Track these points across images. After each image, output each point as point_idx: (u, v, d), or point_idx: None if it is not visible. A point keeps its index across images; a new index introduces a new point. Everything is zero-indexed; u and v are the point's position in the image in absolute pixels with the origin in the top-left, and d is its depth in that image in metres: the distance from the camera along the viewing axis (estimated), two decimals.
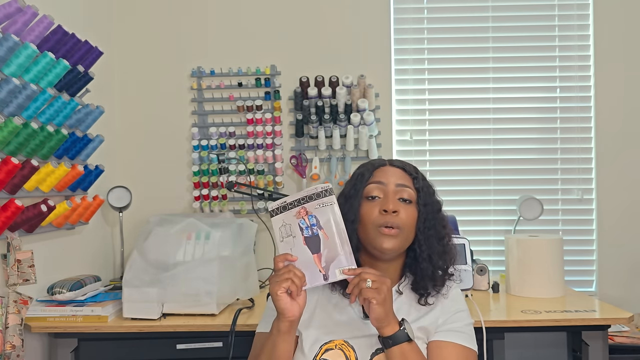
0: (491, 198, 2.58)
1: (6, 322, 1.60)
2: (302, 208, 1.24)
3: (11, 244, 1.65)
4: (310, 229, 1.23)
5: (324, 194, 1.24)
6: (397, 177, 1.32)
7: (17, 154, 1.70)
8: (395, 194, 1.30)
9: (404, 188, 1.30)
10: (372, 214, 1.28)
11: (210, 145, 2.51)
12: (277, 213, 1.26)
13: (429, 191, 1.35)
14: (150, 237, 1.92)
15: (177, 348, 1.81)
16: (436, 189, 1.39)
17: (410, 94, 2.59)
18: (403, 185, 1.31)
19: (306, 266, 1.20)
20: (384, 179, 1.32)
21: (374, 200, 1.30)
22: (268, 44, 2.56)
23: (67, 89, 1.94)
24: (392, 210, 1.27)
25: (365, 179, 1.33)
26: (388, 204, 1.27)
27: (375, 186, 1.31)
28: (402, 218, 1.27)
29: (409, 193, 1.30)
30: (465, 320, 1.32)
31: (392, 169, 1.35)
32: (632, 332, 2.11)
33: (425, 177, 1.38)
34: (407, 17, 2.59)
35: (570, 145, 2.56)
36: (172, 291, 1.80)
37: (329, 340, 1.26)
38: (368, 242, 1.29)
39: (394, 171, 1.34)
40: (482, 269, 2.19)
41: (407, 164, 1.38)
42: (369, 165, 1.37)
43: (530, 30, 2.58)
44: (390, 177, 1.32)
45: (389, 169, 1.35)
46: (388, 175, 1.32)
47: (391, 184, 1.31)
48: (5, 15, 1.60)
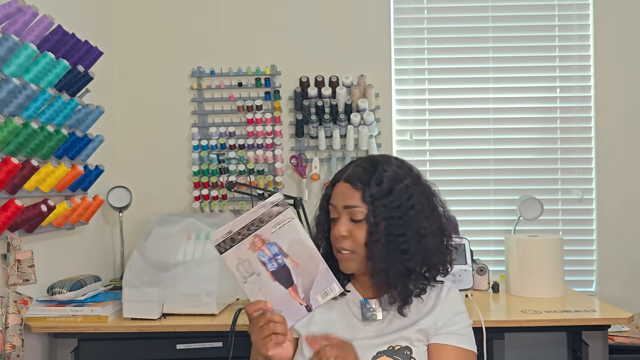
0: (491, 198, 2.58)
1: (6, 322, 1.60)
2: (255, 237, 1.06)
3: (11, 244, 1.65)
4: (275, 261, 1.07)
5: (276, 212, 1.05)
6: (344, 197, 1.25)
7: (17, 154, 1.70)
8: (346, 216, 1.25)
9: (352, 209, 1.24)
10: (332, 235, 1.28)
11: (210, 145, 2.51)
12: (227, 248, 1.06)
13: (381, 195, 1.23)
14: (150, 237, 1.92)
15: (177, 348, 1.81)
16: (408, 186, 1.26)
17: (410, 94, 2.59)
18: (349, 206, 1.24)
19: (283, 304, 1.07)
20: (334, 201, 1.28)
21: (334, 222, 1.28)
22: (268, 44, 2.56)
23: (67, 89, 1.94)
24: (340, 235, 1.24)
25: (327, 196, 1.31)
26: (338, 230, 1.25)
27: (332, 208, 1.29)
28: (350, 243, 1.24)
29: (358, 212, 1.23)
30: (464, 322, 1.31)
31: (342, 186, 1.27)
32: (632, 332, 2.11)
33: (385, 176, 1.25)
34: (407, 17, 2.59)
35: (570, 145, 2.56)
36: (172, 291, 1.81)
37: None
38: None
39: (342, 189, 1.27)
40: (482, 269, 2.19)
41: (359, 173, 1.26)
42: (333, 180, 1.32)
43: (530, 30, 2.58)
44: (339, 199, 1.27)
45: (339, 188, 1.28)
46: (337, 196, 1.27)
47: (340, 207, 1.26)
48: (5, 15, 1.60)
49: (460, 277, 1.81)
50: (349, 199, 1.25)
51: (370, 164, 1.29)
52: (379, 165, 1.28)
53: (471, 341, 1.30)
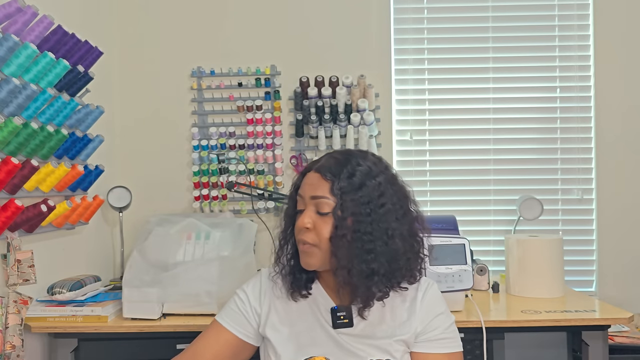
0: (491, 198, 2.58)
1: (6, 322, 1.60)
2: None
3: (11, 244, 1.65)
4: None
5: None
6: (313, 187, 1.21)
7: (17, 154, 1.70)
8: (312, 207, 1.21)
9: (319, 199, 1.19)
10: (296, 228, 1.24)
11: (210, 145, 2.51)
12: None
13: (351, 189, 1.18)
14: (150, 237, 1.92)
15: (177, 348, 1.81)
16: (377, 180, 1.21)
17: (410, 94, 2.59)
18: (316, 197, 1.20)
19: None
20: (302, 192, 1.24)
21: (300, 213, 1.23)
22: (268, 44, 2.56)
23: (67, 89, 1.94)
24: (303, 227, 1.20)
25: (296, 186, 1.28)
26: (302, 221, 1.20)
27: (299, 199, 1.24)
28: (313, 236, 1.19)
29: (325, 204, 1.19)
30: (445, 324, 1.26)
31: (312, 176, 1.23)
32: (632, 332, 2.11)
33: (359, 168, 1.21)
34: (407, 17, 2.59)
35: (570, 145, 2.56)
36: (172, 291, 1.81)
37: (309, 357, 1.22)
38: None
39: (311, 179, 1.23)
40: (482, 269, 2.19)
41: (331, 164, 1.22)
42: (302, 171, 1.29)
43: (530, 30, 2.58)
44: (307, 189, 1.22)
45: (309, 177, 1.24)
46: (306, 187, 1.23)
47: (307, 197, 1.22)
48: (5, 15, 1.60)
49: (460, 277, 1.81)
50: (317, 190, 1.20)
51: (344, 156, 1.24)
52: (352, 159, 1.23)
53: (455, 342, 1.26)
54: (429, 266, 1.81)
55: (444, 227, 2.06)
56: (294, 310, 1.28)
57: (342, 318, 1.23)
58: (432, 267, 1.81)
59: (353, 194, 1.18)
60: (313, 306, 1.28)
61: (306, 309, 1.28)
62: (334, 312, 1.24)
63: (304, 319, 1.28)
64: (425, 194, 2.58)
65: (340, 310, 1.23)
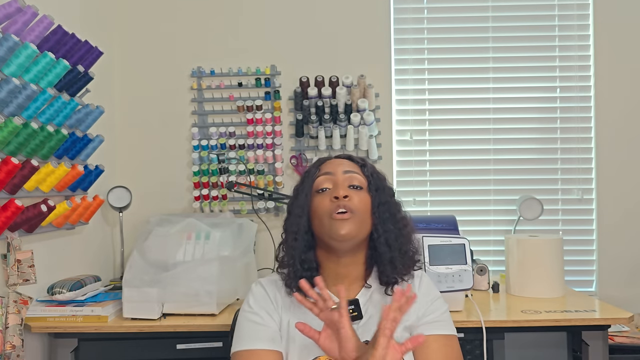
0: (491, 198, 2.58)
1: (6, 322, 1.60)
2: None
3: (11, 244, 1.65)
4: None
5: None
6: (344, 165, 1.32)
7: (17, 154, 1.70)
8: (345, 182, 1.28)
9: (353, 174, 1.30)
10: (324, 203, 1.27)
11: (210, 145, 2.51)
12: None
13: (379, 177, 1.34)
14: (150, 237, 1.92)
15: (177, 348, 1.81)
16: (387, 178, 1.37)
17: (410, 94, 2.59)
18: (351, 171, 1.30)
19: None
20: (331, 169, 1.31)
21: (325, 192, 1.29)
22: (268, 44, 2.56)
23: (67, 89, 1.94)
24: (343, 195, 1.25)
25: (312, 173, 1.33)
26: (338, 191, 1.26)
27: (324, 178, 1.30)
28: (354, 202, 1.25)
29: (358, 179, 1.30)
30: (442, 308, 1.32)
31: (339, 159, 1.36)
32: (632, 332, 2.11)
33: (375, 167, 1.37)
34: (407, 17, 2.59)
35: (570, 145, 2.56)
36: (172, 291, 1.81)
37: (315, 358, 1.23)
38: (324, 233, 1.26)
39: (340, 161, 1.34)
40: (482, 269, 2.19)
41: (353, 155, 1.39)
42: (316, 162, 1.38)
43: (530, 30, 2.58)
44: (338, 167, 1.32)
45: (335, 160, 1.35)
46: (335, 165, 1.32)
47: (339, 172, 1.30)
48: (5, 15, 1.60)
49: (460, 277, 1.81)
50: (350, 167, 1.32)
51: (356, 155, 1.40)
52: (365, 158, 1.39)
53: (451, 325, 1.31)
54: (429, 266, 1.82)
55: (444, 227, 2.06)
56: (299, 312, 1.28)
57: (352, 312, 1.25)
58: (432, 267, 1.81)
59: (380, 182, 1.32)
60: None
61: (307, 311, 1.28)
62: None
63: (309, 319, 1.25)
64: (425, 194, 2.58)
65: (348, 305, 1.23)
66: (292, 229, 1.31)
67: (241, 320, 1.30)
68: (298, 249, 1.28)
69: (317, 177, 1.32)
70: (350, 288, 1.30)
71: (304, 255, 1.28)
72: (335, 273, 1.30)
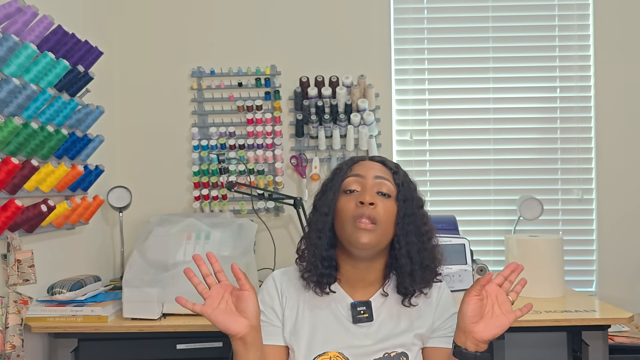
0: (491, 198, 2.58)
1: (6, 322, 1.60)
2: None
3: (11, 244, 1.65)
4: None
5: None
6: (376, 170, 1.29)
7: (17, 154, 1.70)
8: (374, 187, 1.25)
9: (383, 181, 1.27)
10: (349, 206, 1.24)
11: (210, 145, 2.51)
12: None
13: (410, 187, 1.31)
14: (150, 237, 1.92)
15: (177, 348, 1.82)
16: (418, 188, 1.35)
17: (410, 94, 2.59)
18: (382, 177, 1.27)
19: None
20: (362, 172, 1.28)
21: (352, 194, 1.26)
22: (268, 44, 2.56)
23: (67, 89, 1.94)
24: (369, 202, 1.22)
25: (343, 172, 1.30)
26: (365, 196, 1.23)
27: (354, 179, 1.28)
28: (379, 211, 1.22)
29: (387, 187, 1.27)
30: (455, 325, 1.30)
31: (372, 162, 1.32)
32: (632, 332, 2.11)
33: (407, 175, 1.34)
34: (407, 17, 2.59)
35: (570, 145, 2.56)
36: (172, 291, 1.80)
37: (323, 353, 1.24)
38: (345, 237, 1.25)
39: (373, 164, 1.31)
40: (482, 269, 2.19)
41: (388, 160, 1.35)
42: (349, 160, 1.35)
43: (530, 30, 2.58)
44: (369, 170, 1.28)
45: (368, 163, 1.32)
46: (367, 169, 1.29)
47: (369, 176, 1.27)
48: (5, 15, 1.60)
49: (460, 277, 1.81)
50: (382, 172, 1.28)
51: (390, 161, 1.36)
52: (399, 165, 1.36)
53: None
54: None
55: (444, 227, 2.06)
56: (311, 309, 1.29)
57: (362, 313, 1.26)
58: None
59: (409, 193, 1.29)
60: (331, 302, 1.30)
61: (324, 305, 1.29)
62: (354, 307, 1.26)
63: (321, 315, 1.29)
64: (425, 194, 2.56)
65: (360, 305, 1.26)
66: (317, 226, 1.29)
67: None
68: (320, 247, 1.27)
69: (347, 176, 1.29)
70: (366, 291, 1.30)
71: (325, 252, 1.27)
72: (353, 275, 1.30)
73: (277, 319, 1.31)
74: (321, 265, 1.26)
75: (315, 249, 1.27)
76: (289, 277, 1.34)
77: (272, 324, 1.31)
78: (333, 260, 1.28)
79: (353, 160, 1.34)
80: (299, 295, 1.31)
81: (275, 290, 1.33)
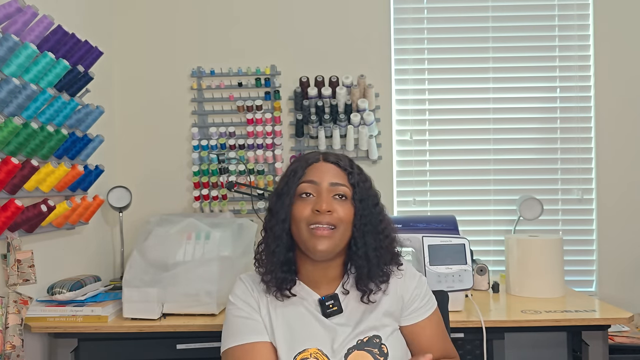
0: (491, 198, 2.58)
1: (6, 322, 1.60)
2: None
3: (11, 244, 1.65)
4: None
5: None
6: (330, 175, 1.27)
7: (17, 154, 1.70)
8: (329, 193, 1.25)
9: (338, 186, 1.26)
10: (304, 212, 1.23)
11: (210, 145, 2.51)
12: None
13: (365, 185, 1.30)
14: (150, 237, 1.92)
15: (177, 348, 1.81)
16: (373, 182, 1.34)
17: (410, 94, 2.59)
18: (337, 184, 1.26)
19: None
20: (316, 178, 1.26)
21: (307, 198, 1.25)
22: (268, 44, 2.56)
23: (67, 89, 1.94)
24: (326, 210, 1.21)
25: (297, 176, 1.27)
26: (321, 204, 1.22)
27: (308, 185, 1.26)
28: (335, 217, 1.22)
29: (343, 190, 1.26)
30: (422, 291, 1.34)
31: (326, 165, 1.29)
32: (632, 332, 2.11)
33: (362, 170, 1.33)
34: (407, 17, 2.59)
35: (570, 145, 2.56)
36: (172, 291, 1.81)
37: (303, 350, 1.23)
38: (301, 242, 1.25)
39: (327, 168, 1.28)
40: (482, 269, 2.19)
41: (341, 158, 1.32)
42: (303, 162, 1.31)
43: (530, 30, 2.58)
44: (324, 175, 1.26)
45: (322, 166, 1.29)
46: (321, 173, 1.27)
47: (324, 182, 1.25)
48: (5, 15, 1.60)
49: (460, 277, 1.81)
50: (336, 177, 1.27)
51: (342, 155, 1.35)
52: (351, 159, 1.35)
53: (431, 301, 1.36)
54: (429, 266, 1.82)
55: (444, 227, 2.06)
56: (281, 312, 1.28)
57: (331, 306, 1.27)
58: (432, 267, 1.81)
59: (365, 192, 1.29)
60: (300, 300, 1.29)
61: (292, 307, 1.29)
62: (322, 302, 1.27)
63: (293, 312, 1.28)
64: (425, 194, 2.58)
65: (328, 300, 1.27)
66: (274, 232, 1.27)
67: (228, 318, 1.30)
68: (279, 253, 1.27)
69: (301, 182, 1.27)
70: (329, 286, 1.31)
71: (284, 257, 1.27)
72: (313, 273, 1.30)
73: (256, 313, 1.28)
74: (280, 270, 1.26)
75: (274, 255, 1.26)
76: (254, 280, 1.33)
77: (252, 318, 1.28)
78: (292, 264, 1.28)
79: (307, 161, 1.30)
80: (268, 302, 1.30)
81: (247, 290, 1.31)
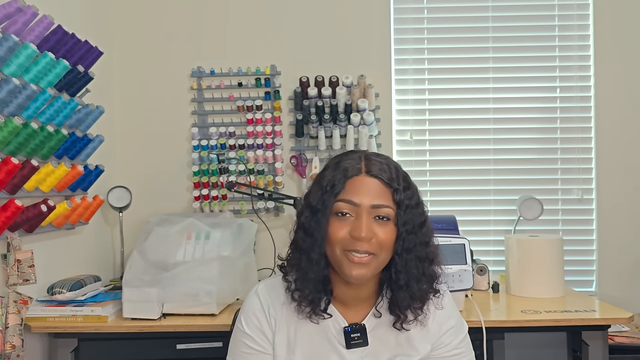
0: (491, 198, 2.58)
1: (6, 322, 1.60)
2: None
3: (11, 244, 1.65)
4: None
5: None
6: (372, 194, 1.11)
7: (17, 154, 1.70)
8: (370, 214, 1.10)
9: (380, 209, 1.11)
10: (339, 233, 1.10)
11: (210, 145, 2.51)
12: None
13: (411, 203, 1.14)
14: (150, 237, 1.92)
15: (177, 348, 1.82)
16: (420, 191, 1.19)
17: (410, 94, 2.59)
18: (379, 205, 1.10)
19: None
20: (356, 199, 1.10)
21: (344, 218, 1.11)
22: (268, 44, 2.56)
23: (67, 89, 1.94)
24: (365, 238, 1.08)
25: (335, 192, 1.12)
26: (360, 231, 1.08)
27: (344, 204, 1.11)
28: (375, 243, 1.10)
29: (386, 212, 1.11)
30: (457, 339, 1.24)
31: (368, 180, 1.12)
32: (632, 332, 2.11)
33: (408, 178, 1.17)
34: (407, 17, 2.59)
35: (570, 145, 2.56)
36: (172, 291, 1.81)
37: None
38: (335, 263, 1.13)
39: (369, 185, 1.12)
40: (482, 269, 2.19)
41: (385, 170, 1.14)
42: (341, 173, 1.13)
43: (530, 30, 2.58)
44: (365, 196, 1.10)
45: (363, 181, 1.12)
46: (362, 193, 1.11)
47: (365, 203, 1.10)
48: (5, 15, 1.60)
49: (460, 277, 1.81)
50: (379, 197, 1.11)
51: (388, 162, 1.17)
52: (399, 167, 1.18)
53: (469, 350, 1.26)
54: None
55: (444, 227, 2.06)
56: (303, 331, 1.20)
57: (357, 339, 1.19)
58: None
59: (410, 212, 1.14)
60: (324, 325, 1.20)
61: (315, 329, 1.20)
62: (347, 333, 1.19)
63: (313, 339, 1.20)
64: (425, 194, 2.56)
65: (354, 332, 1.19)
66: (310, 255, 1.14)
67: (236, 336, 1.24)
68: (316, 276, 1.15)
69: (338, 200, 1.11)
70: (359, 308, 1.21)
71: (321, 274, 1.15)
72: (345, 293, 1.19)
73: (268, 344, 1.20)
74: (315, 290, 1.15)
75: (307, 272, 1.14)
76: (276, 294, 1.22)
77: (263, 351, 1.19)
78: (328, 284, 1.17)
79: (346, 173, 1.13)
80: (289, 317, 1.20)
81: (262, 311, 1.20)
